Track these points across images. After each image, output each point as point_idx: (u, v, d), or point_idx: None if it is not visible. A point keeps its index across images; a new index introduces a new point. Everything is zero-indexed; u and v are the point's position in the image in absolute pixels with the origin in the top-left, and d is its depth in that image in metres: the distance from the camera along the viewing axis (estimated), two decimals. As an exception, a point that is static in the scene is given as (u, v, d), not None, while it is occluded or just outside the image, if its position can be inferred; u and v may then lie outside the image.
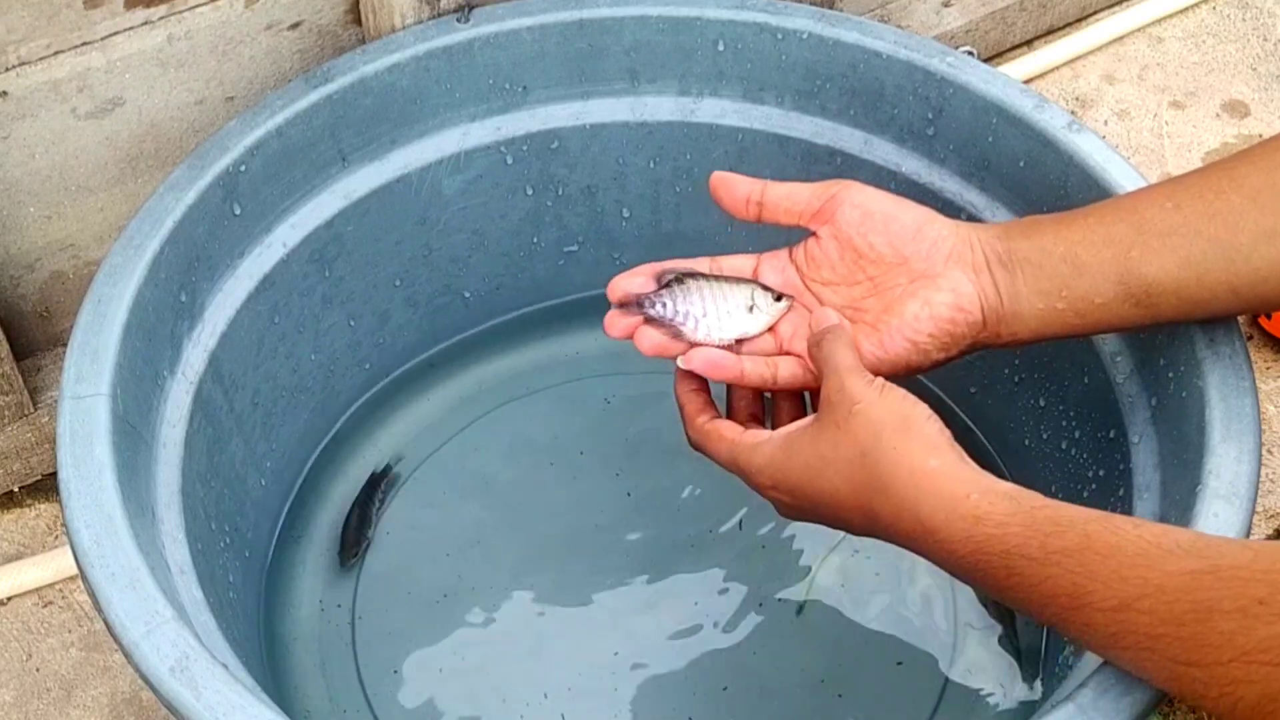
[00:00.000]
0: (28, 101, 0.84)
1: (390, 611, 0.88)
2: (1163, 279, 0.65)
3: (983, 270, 0.69)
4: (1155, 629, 0.52)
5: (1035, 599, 0.57)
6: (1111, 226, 0.66)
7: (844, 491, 0.63)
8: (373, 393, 0.98)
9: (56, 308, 0.96)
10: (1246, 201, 0.63)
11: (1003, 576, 0.58)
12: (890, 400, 0.63)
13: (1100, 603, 0.54)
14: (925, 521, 0.60)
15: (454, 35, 0.87)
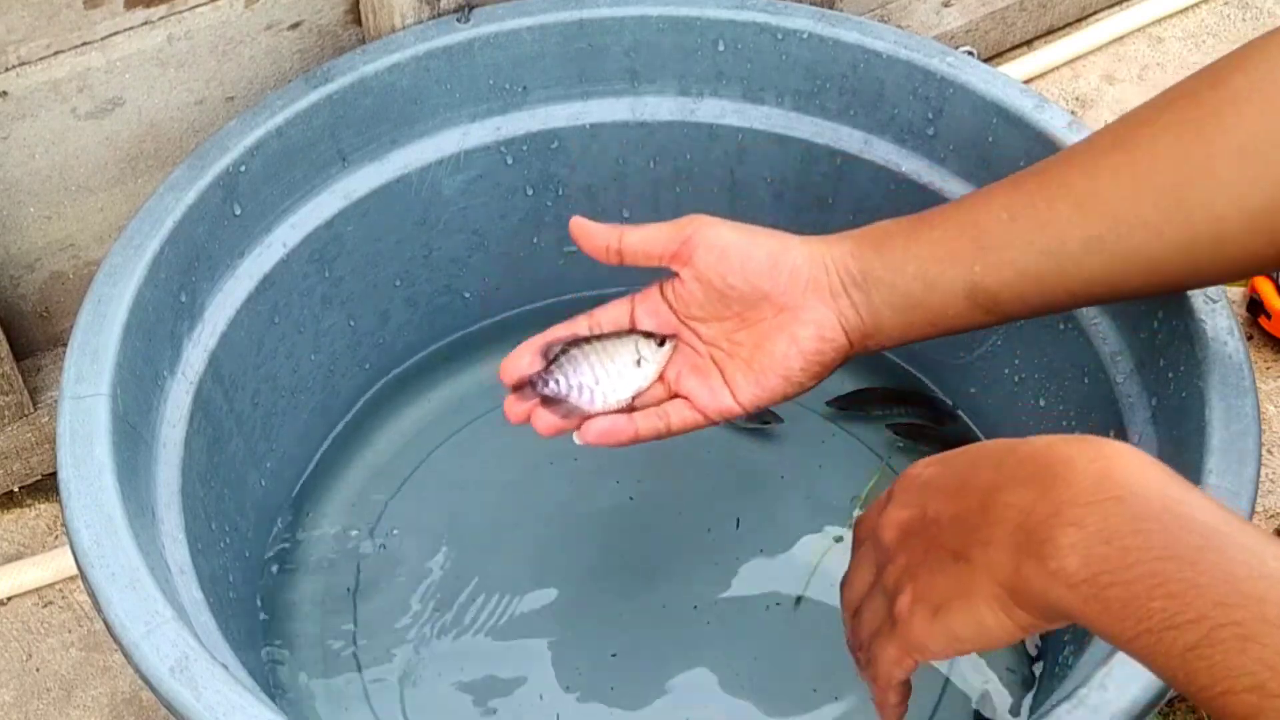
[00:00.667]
0: (28, 101, 0.84)
1: (389, 611, 0.88)
2: (1005, 291, 0.67)
3: (840, 295, 0.70)
4: None
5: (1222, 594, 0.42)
6: (954, 241, 0.67)
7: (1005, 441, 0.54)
8: (373, 393, 0.98)
9: (56, 308, 0.96)
10: (1073, 210, 0.64)
11: (1193, 545, 0.43)
12: None
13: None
14: (1113, 448, 0.48)
15: (454, 35, 0.87)
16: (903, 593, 0.53)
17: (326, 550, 0.91)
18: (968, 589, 0.50)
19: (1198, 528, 0.44)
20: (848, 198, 0.93)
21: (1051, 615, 0.48)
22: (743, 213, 0.97)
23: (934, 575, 0.52)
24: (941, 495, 0.53)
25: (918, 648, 0.53)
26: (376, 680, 0.85)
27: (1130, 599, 0.43)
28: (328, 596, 0.88)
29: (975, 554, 0.50)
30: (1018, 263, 0.66)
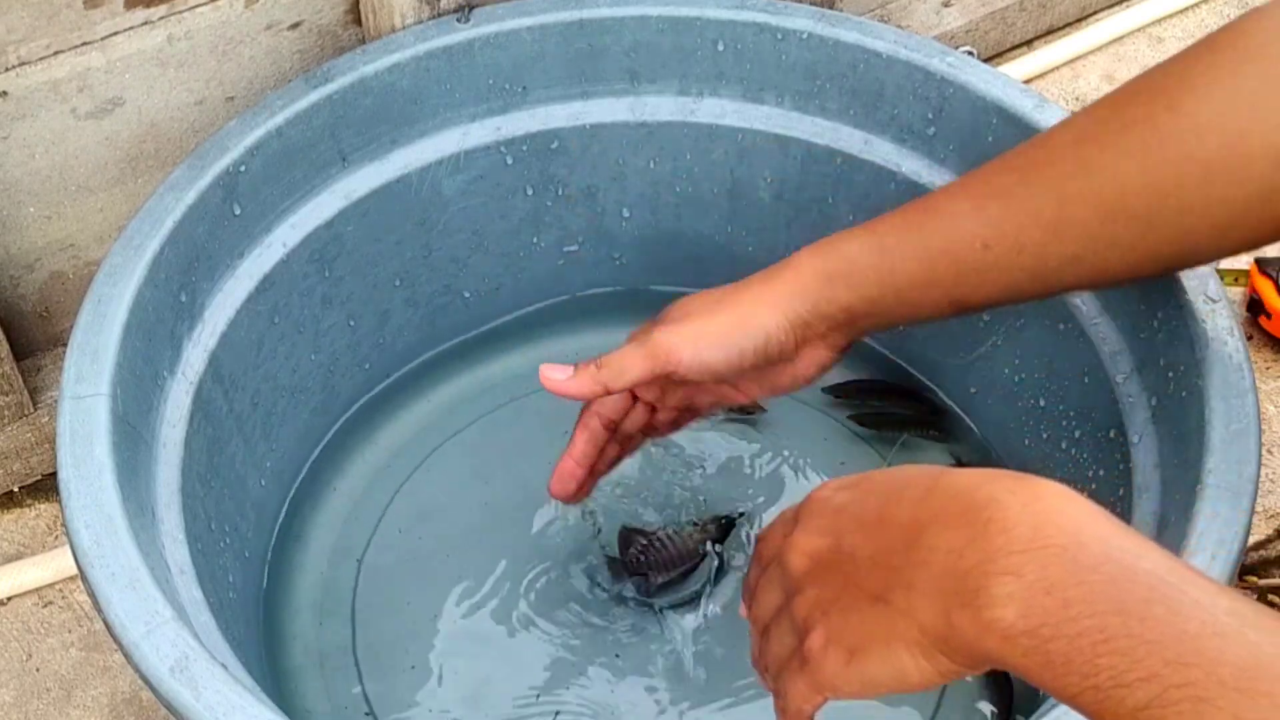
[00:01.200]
0: (28, 101, 0.84)
1: (389, 612, 0.88)
2: (989, 301, 0.70)
3: (829, 335, 0.72)
4: None
5: (1174, 651, 0.40)
6: (933, 272, 0.69)
7: (923, 468, 0.51)
8: (373, 393, 0.98)
9: (56, 308, 0.96)
10: (1049, 236, 0.66)
11: (1140, 598, 0.42)
12: None
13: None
14: (1047, 490, 0.45)
15: (454, 35, 0.87)
16: (814, 630, 0.51)
17: (326, 550, 0.91)
18: (887, 634, 0.47)
19: (1144, 579, 0.42)
20: (847, 198, 0.93)
21: (981, 664, 0.45)
22: (742, 213, 0.98)
23: (849, 615, 0.49)
24: (858, 527, 0.50)
25: (829, 688, 0.51)
26: (376, 680, 0.84)
27: (1074, 654, 0.41)
28: (327, 596, 0.88)
29: (897, 597, 0.47)
30: (1000, 281, 0.68)
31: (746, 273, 1.01)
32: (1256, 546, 0.98)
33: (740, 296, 0.72)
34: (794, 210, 0.96)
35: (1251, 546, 0.98)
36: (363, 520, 0.92)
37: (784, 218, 0.97)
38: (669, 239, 1.00)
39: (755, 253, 1.00)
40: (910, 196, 0.89)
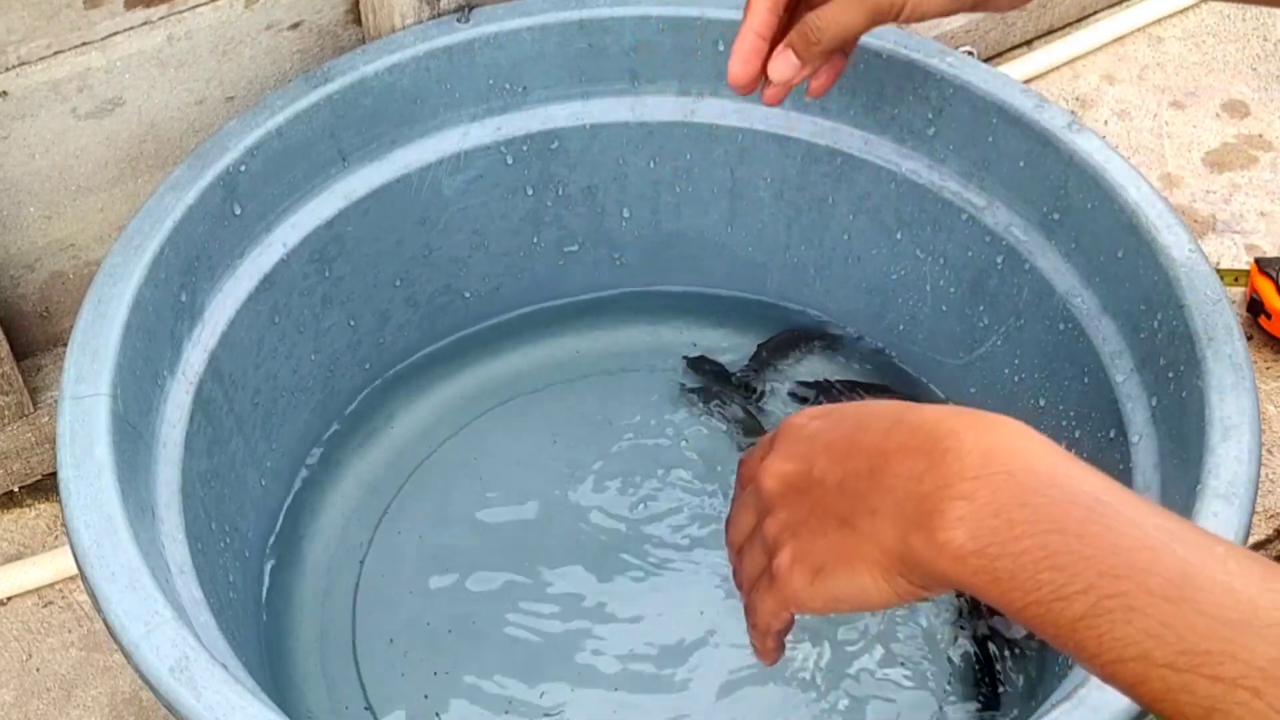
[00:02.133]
0: (28, 101, 0.84)
1: (390, 612, 0.88)
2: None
3: None
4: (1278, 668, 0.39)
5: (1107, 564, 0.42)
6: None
7: (892, 403, 0.53)
8: (373, 393, 0.98)
9: (56, 308, 0.96)
10: None
11: (1077, 517, 0.44)
12: None
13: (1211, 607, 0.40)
14: (1001, 423, 0.48)
15: (454, 35, 0.87)
16: (782, 549, 0.52)
17: (327, 550, 0.91)
18: (851, 555, 0.49)
19: (1083, 500, 0.45)
20: (847, 198, 0.93)
21: (936, 585, 0.48)
22: (743, 213, 0.98)
23: (816, 537, 0.51)
24: (828, 454, 0.52)
25: (795, 604, 0.53)
26: (376, 680, 0.85)
27: (1018, 571, 0.44)
28: (328, 596, 0.88)
29: (861, 521, 0.49)
30: None
31: (746, 273, 1.01)
32: (1256, 546, 0.98)
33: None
34: (794, 210, 0.96)
35: (1251, 546, 0.98)
36: (363, 520, 0.92)
37: (784, 218, 0.97)
38: (669, 239, 1.00)
39: (755, 253, 1.00)
40: (910, 196, 0.90)
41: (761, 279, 1.01)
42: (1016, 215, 0.86)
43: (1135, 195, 0.77)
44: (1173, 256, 0.74)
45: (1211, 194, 1.20)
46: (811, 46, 0.69)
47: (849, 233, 0.96)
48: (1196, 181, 1.21)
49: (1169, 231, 0.75)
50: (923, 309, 0.95)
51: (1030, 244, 0.85)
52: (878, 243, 0.94)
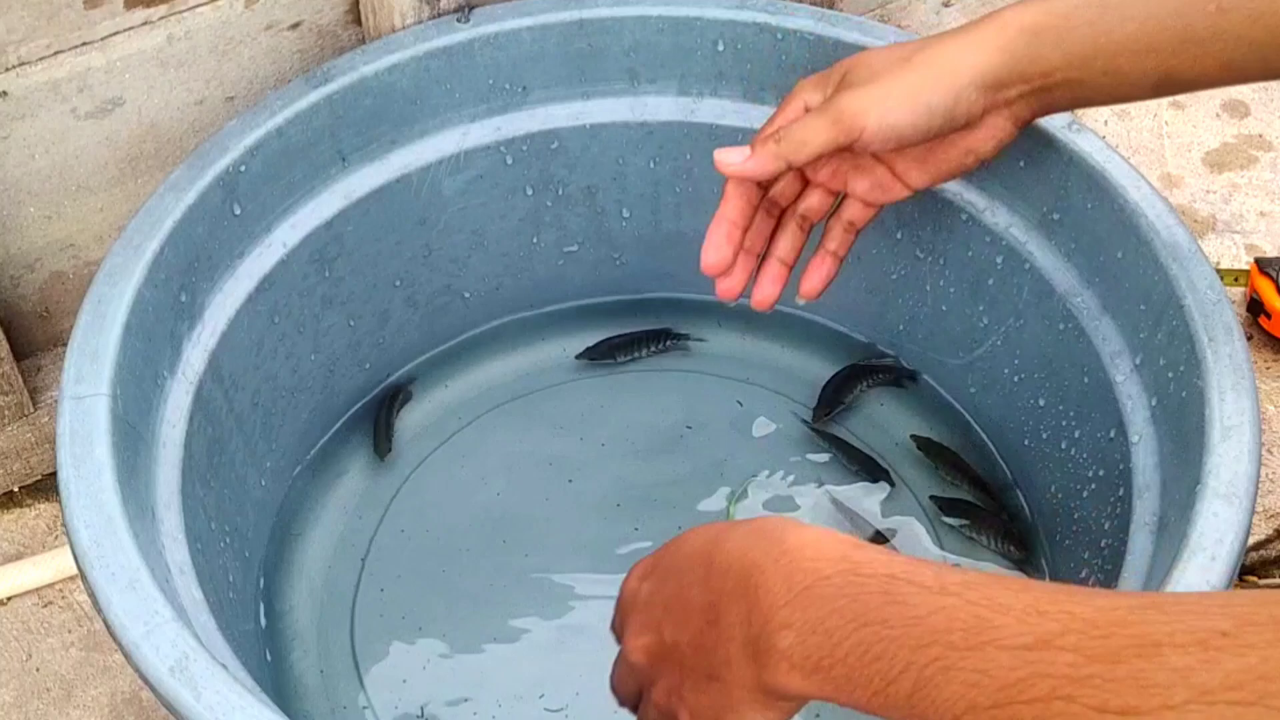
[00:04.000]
0: (28, 101, 0.84)
1: (390, 612, 0.88)
2: (1200, 81, 0.64)
3: (1017, 102, 0.67)
4: (1080, 669, 0.40)
5: (914, 637, 0.44)
6: (1156, 35, 0.63)
7: (697, 539, 0.55)
8: (373, 393, 0.98)
9: (56, 308, 0.96)
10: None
11: (877, 604, 0.46)
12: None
13: (1009, 639, 0.42)
14: (790, 536, 0.50)
15: (454, 35, 0.87)
16: (679, 714, 0.55)
17: (327, 550, 0.91)
18: (731, 701, 0.51)
19: (876, 585, 0.46)
20: (848, 198, 0.93)
21: (805, 700, 0.50)
22: (743, 213, 0.97)
23: (699, 695, 0.53)
24: (670, 619, 0.54)
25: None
26: (376, 680, 0.85)
27: (851, 673, 0.45)
28: (328, 597, 0.88)
29: (722, 672, 0.51)
30: (1222, 55, 0.62)
31: (746, 273, 1.01)
32: (1256, 546, 0.98)
33: (933, 51, 0.66)
34: (794, 210, 0.96)
35: (1251, 546, 0.98)
36: (363, 520, 0.92)
37: (784, 218, 0.97)
38: (669, 239, 1.00)
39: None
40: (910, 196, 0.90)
41: (761, 279, 1.01)
42: (1016, 215, 0.86)
43: (1135, 195, 0.77)
44: (1173, 256, 0.74)
45: (1211, 194, 1.20)
46: (771, 141, 0.69)
47: (849, 233, 0.95)
48: (1196, 181, 1.21)
49: (1169, 231, 0.75)
50: (923, 309, 0.95)
51: (1030, 244, 0.85)
52: (878, 243, 0.94)
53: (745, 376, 0.99)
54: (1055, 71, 0.65)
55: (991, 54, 0.66)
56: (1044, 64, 0.65)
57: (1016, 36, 0.66)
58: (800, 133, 0.68)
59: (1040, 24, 0.65)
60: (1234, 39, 0.62)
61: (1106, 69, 0.64)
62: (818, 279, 0.76)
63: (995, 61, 0.66)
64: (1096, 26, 0.64)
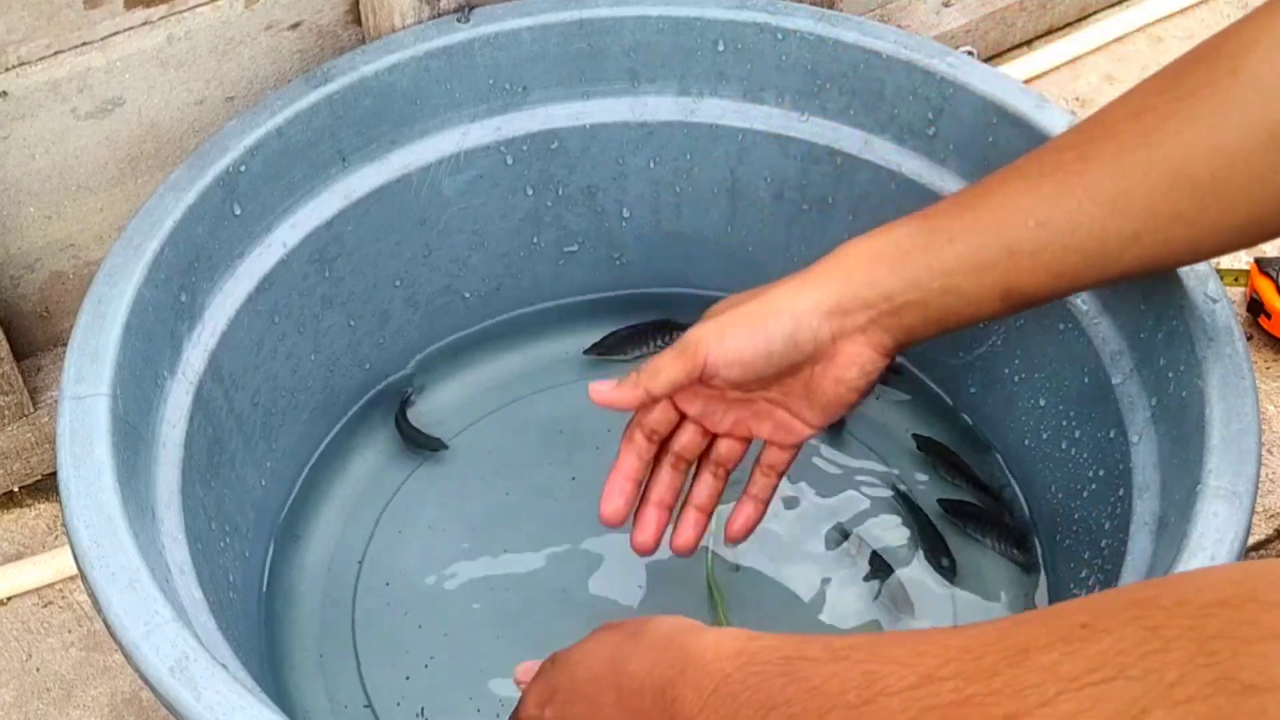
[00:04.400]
0: (28, 101, 0.84)
1: (390, 612, 0.88)
2: (1039, 290, 0.66)
3: (870, 328, 0.69)
4: (963, 692, 0.41)
5: (815, 708, 0.45)
6: (982, 253, 0.66)
7: (593, 661, 0.59)
8: (373, 393, 0.98)
9: (56, 308, 0.96)
10: (1107, 213, 0.64)
11: (778, 687, 0.47)
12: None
13: (896, 684, 0.43)
14: (691, 645, 0.52)
15: (454, 35, 0.87)
16: None
17: (327, 550, 0.91)
18: None
19: (774, 669, 0.48)
20: (848, 198, 0.93)
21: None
22: (743, 213, 0.98)
23: None
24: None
25: None
26: (376, 680, 0.84)
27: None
28: (328, 596, 0.88)
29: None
30: (1053, 265, 0.65)
31: (746, 273, 1.01)
32: (1256, 546, 0.98)
33: (775, 286, 0.70)
34: (794, 210, 0.96)
35: (1251, 546, 0.98)
36: (363, 520, 0.92)
37: (784, 218, 0.97)
38: (669, 239, 1.00)
39: (755, 253, 1.00)
40: (910, 196, 0.90)
41: (761, 279, 1.01)
42: (1016, 215, 0.86)
43: (1135, 195, 0.77)
44: (1173, 256, 0.74)
45: (1211, 194, 1.19)
46: (632, 374, 0.73)
47: (849, 233, 0.94)
48: (1196, 181, 1.21)
49: (1169, 231, 0.75)
50: (923, 309, 0.95)
51: (1030, 244, 0.85)
52: (878, 243, 0.94)
53: (745, 376, 0.99)
54: (895, 295, 0.67)
55: (830, 283, 0.68)
56: (883, 288, 0.67)
57: (854, 265, 0.68)
58: (654, 363, 0.72)
59: (876, 251, 0.68)
60: (1059, 249, 0.65)
61: (945, 288, 0.67)
62: (741, 522, 0.79)
63: (834, 289, 0.68)
64: (929, 249, 0.67)
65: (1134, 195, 0.63)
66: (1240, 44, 0.61)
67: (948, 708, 0.41)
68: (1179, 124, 0.62)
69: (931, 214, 0.68)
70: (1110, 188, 0.63)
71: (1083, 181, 0.64)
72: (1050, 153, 0.67)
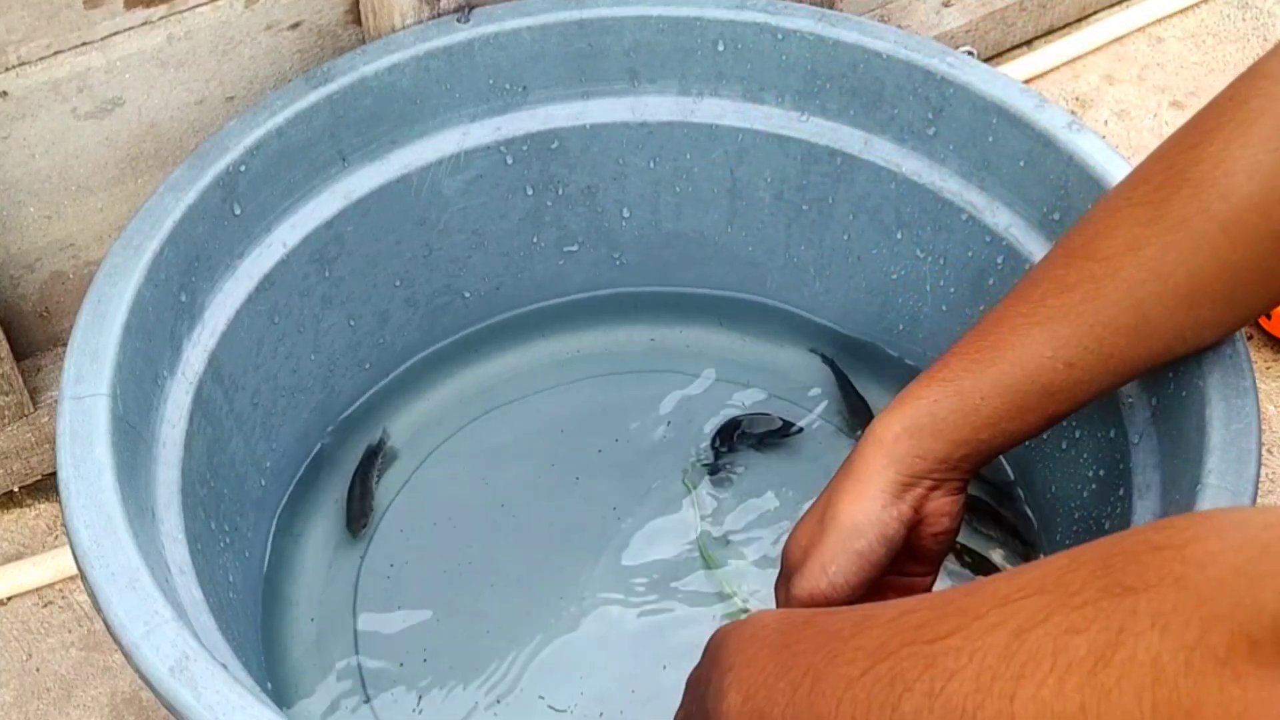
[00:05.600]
0: (28, 101, 0.84)
1: (389, 612, 0.88)
2: (1081, 407, 0.69)
3: (940, 485, 0.70)
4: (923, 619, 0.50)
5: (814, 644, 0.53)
6: (1019, 399, 0.67)
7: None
8: (373, 393, 0.98)
9: (56, 308, 0.96)
10: (1132, 339, 0.66)
11: (797, 630, 0.55)
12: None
13: (882, 620, 0.52)
14: (753, 617, 0.60)
15: (454, 35, 0.87)
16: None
17: (326, 550, 0.91)
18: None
19: (800, 619, 0.57)
20: (848, 198, 0.93)
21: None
22: (743, 213, 0.98)
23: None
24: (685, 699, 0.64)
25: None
26: (377, 680, 0.85)
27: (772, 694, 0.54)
28: (328, 597, 0.88)
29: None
30: (1091, 389, 0.68)
31: (746, 273, 1.01)
32: (1256, 546, 0.98)
33: (835, 504, 0.70)
34: (794, 210, 0.96)
35: (1251, 546, 0.98)
36: (363, 520, 0.92)
37: (784, 218, 0.97)
38: (669, 239, 1.00)
39: (755, 253, 1.00)
40: (910, 196, 0.90)
41: (761, 279, 1.01)
42: (1017, 215, 0.86)
43: (1135, 195, 0.77)
44: (1173, 256, 0.74)
45: (1211, 194, 1.19)
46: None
47: (849, 233, 0.96)
48: (1196, 181, 1.21)
49: (1169, 231, 0.75)
50: (923, 309, 0.95)
51: (1030, 244, 0.85)
52: (878, 243, 0.94)
53: (745, 379, 0.99)
54: (949, 456, 0.69)
55: (883, 471, 0.69)
56: (935, 455, 0.69)
57: (895, 447, 0.69)
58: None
59: (911, 426, 0.69)
60: (1092, 380, 0.67)
61: (995, 434, 0.68)
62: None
63: (890, 476, 0.69)
64: (965, 411, 0.68)
65: (1156, 321, 0.65)
66: (1217, 164, 0.63)
67: (910, 633, 0.49)
68: (1182, 254, 0.63)
69: (950, 376, 0.69)
70: (1130, 320, 0.65)
71: (1101, 320, 0.66)
72: (1051, 295, 0.67)
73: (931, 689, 0.47)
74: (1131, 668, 0.41)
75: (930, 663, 0.48)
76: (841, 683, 0.51)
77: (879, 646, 0.50)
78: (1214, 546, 0.41)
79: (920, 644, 0.49)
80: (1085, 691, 0.42)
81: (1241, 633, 0.39)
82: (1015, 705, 0.44)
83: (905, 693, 0.48)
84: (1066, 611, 0.43)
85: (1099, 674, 0.42)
